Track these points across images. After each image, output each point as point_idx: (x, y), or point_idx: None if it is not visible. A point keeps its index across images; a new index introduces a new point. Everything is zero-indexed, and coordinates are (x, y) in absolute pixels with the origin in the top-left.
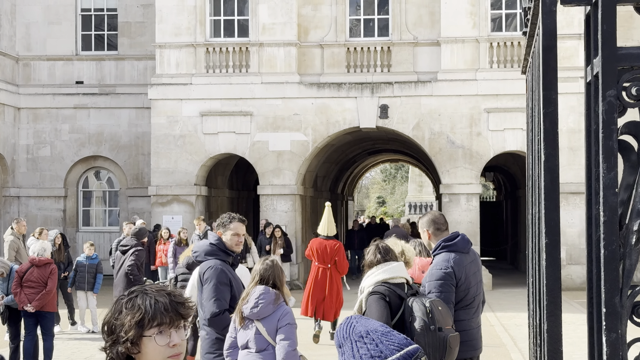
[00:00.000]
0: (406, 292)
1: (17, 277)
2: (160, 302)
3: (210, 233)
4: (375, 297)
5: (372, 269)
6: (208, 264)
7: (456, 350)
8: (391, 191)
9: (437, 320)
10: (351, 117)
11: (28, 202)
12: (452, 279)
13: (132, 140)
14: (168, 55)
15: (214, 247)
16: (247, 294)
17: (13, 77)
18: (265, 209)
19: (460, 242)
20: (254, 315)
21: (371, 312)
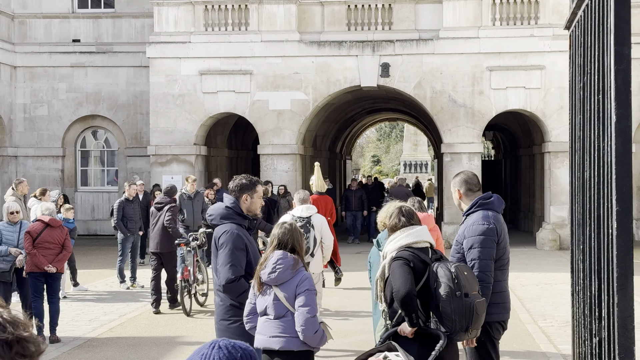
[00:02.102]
0: (430, 257)
1: (29, 238)
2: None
3: (226, 195)
4: (399, 262)
5: (395, 233)
6: (223, 228)
7: (483, 316)
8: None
9: (463, 285)
10: (352, 76)
11: (26, 162)
12: (494, 235)
13: (131, 99)
14: (166, 13)
15: (230, 211)
16: (265, 259)
17: (9, 36)
18: (265, 168)
19: (497, 202)
20: (271, 281)
21: (395, 277)
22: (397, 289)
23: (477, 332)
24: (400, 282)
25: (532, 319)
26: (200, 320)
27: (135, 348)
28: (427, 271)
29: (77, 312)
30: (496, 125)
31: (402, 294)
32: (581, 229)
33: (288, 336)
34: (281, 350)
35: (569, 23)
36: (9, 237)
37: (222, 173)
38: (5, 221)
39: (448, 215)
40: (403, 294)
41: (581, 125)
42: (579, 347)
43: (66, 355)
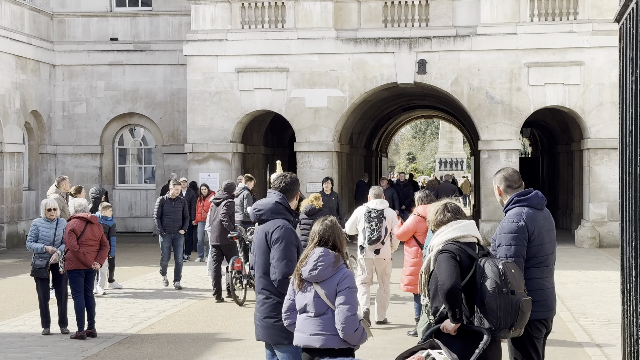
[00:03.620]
0: (477, 252)
1: (73, 235)
2: None
3: (272, 192)
4: (445, 255)
5: (441, 227)
6: (276, 224)
7: (528, 315)
8: (421, 147)
9: (510, 283)
10: (388, 73)
11: (65, 160)
12: (525, 233)
13: (168, 97)
14: (203, 10)
15: (280, 206)
16: (305, 256)
17: (48, 34)
18: (302, 165)
19: (535, 198)
20: (312, 278)
21: (440, 271)
22: (442, 282)
23: (521, 331)
24: (446, 275)
25: (573, 317)
26: (239, 317)
27: (175, 345)
28: (474, 266)
29: (116, 308)
30: (534, 122)
31: (447, 287)
32: (633, 225)
33: (328, 334)
34: (322, 349)
35: (619, 16)
36: (45, 234)
37: (259, 170)
38: (43, 218)
39: (485, 212)
40: (448, 287)
41: (633, 119)
42: (630, 346)
43: (106, 351)
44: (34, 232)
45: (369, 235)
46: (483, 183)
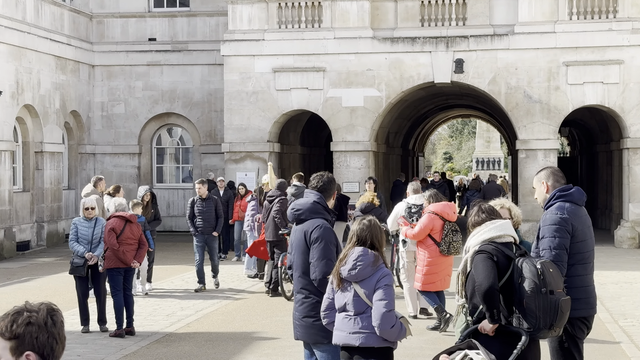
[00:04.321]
0: (514, 252)
1: (113, 234)
2: None
3: (309, 191)
4: (482, 256)
5: (477, 228)
6: (315, 223)
7: (567, 314)
8: (458, 147)
9: (549, 282)
10: (425, 72)
11: (103, 159)
12: (568, 225)
13: (205, 97)
14: (240, 11)
15: (318, 206)
16: (345, 255)
17: (87, 35)
18: (338, 165)
19: (576, 193)
20: (352, 278)
21: (477, 271)
22: (479, 283)
23: (560, 331)
24: (483, 275)
25: (612, 318)
26: (276, 317)
27: (212, 343)
28: (511, 266)
29: (154, 307)
30: (572, 121)
31: (484, 288)
32: None
33: (368, 332)
34: (361, 347)
35: None
36: (83, 232)
37: (295, 170)
38: (82, 217)
39: (524, 212)
40: (485, 287)
41: None
42: None
43: (145, 349)
44: (74, 231)
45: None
46: (520, 183)
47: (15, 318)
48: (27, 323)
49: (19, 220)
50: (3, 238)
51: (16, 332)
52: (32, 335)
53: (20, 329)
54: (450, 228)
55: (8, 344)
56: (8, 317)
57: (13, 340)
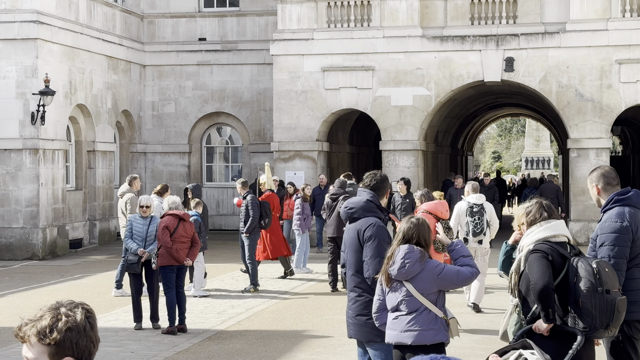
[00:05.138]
0: (569, 251)
1: (166, 232)
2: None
3: (362, 190)
4: (537, 255)
5: (532, 227)
6: (368, 221)
7: (623, 314)
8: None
9: (605, 282)
10: (475, 71)
11: (154, 158)
12: (629, 234)
13: (254, 96)
14: (289, 10)
15: (372, 204)
16: (391, 254)
17: (138, 35)
18: (387, 164)
19: (635, 197)
20: (402, 276)
21: (532, 271)
22: (534, 282)
23: (616, 331)
24: (538, 275)
25: None
26: (326, 315)
27: (263, 341)
28: (566, 266)
29: (205, 305)
30: (624, 120)
31: (539, 288)
32: None
33: (420, 329)
34: (414, 345)
35: None
36: (138, 230)
37: (344, 169)
38: (138, 214)
39: (575, 212)
40: (540, 287)
41: None
42: None
43: (196, 346)
44: (129, 228)
45: (473, 228)
46: (572, 182)
47: (55, 323)
48: (67, 329)
49: (71, 218)
50: (56, 236)
51: (57, 339)
52: (72, 341)
53: (60, 335)
54: (443, 226)
55: (47, 349)
56: (46, 319)
57: (53, 346)
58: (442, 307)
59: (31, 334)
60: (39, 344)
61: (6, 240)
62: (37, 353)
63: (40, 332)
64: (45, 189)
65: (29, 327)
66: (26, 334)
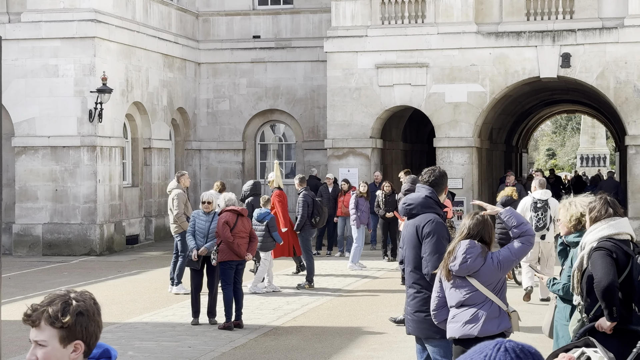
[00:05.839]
0: (633, 249)
1: (227, 227)
2: None
3: (421, 186)
4: (601, 252)
5: (595, 224)
6: (427, 217)
7: None
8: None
9: None
10: (531, 67)
11: (209, 155)
12: None
13: (308, 93)
14: (343, 7)
15: (430, 200)
16: (452, 249)
17: (193, 33)
18: (441, 161)
19: None
20: (463, 272)
21: (596, 268)
22: (598, 280)
23: None
24: (603, 272)
25: None
26: (381, 312)
27: (319, 337)
28: (630, 264)
29: (261, 301)
30: None
31: (603, 285)
32: None
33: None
34: (480, 337)
35: None
36: (200, 226)
37: (397, 166)
38: (201, 210)
39: (633, 209)
40: (605, 285)
41: None
42: None
43: (253, 342)
44: (192, 224)
45: (536, 223)
46: (630, 179)
47: (66, 307)
48: (77, 313)
49: (128, 214)
50: (113, 232)
51: (68, 322)
52: (82, 325)
53: (72, 319)
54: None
55: (57, 333)
56: (57, 304)
57: (63, 329)
58: (504, 299)
59: (42, 318)
60: (50, 328)
61: (65, 236)
62: (47, 337)
63: (51, 316)
64: (102, 186)
65: (39, 311)
66: (38, 318)
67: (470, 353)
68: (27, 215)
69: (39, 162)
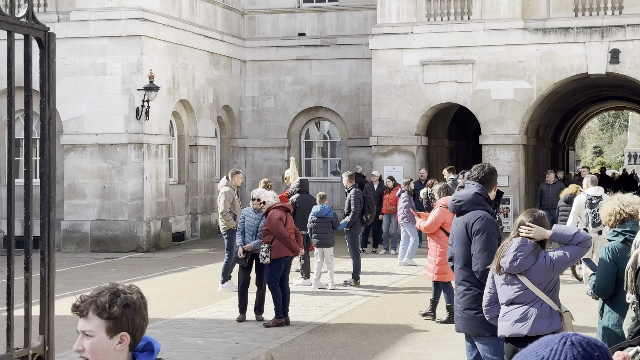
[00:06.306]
0: None
1: (281, 223)
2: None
3: (471, 183)
4: None
5: None
6: (477, 214)
7: None
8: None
9: None
10: (578, 63)
11: (254, 153)
12: None
13: (353, 90)
14: (389, 4)
15: (480, 197)
16: (505, 246)
17: (239, 31)
18: (487, 159)
19: None
20: (514, 269)
21: None
22: None
23: None
24: None
25: None
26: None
27: (366, 334)
28: None
29: (307, 298)
30: None
31: None
32: None
33: (536, 320)
34: (530, 336)
35: None
36: (249, 223)
37: (443, 164)
38: (251, 208)
39: None
40: None
41: None
42: None
43: (300, 339)
44: (241, 221)
45: (592, 219)
46: None
47: (113, 299)
48: (125, 305)
49: (174, 211)
50: (160, 229)
51: (115, 313)
52: (128, 317)
53: (119, 310)
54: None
55: (104, 324)
56: (105, 295)
57: (110, 320)
58: (556, 300)
59: (90, 309)
60: (97, 318)
61: (112, 233)
62: (94, 327)
63: (99, 307)
64: (149, 183)
65: (87, 302)
66: (86, 309)
67: (535, 347)
68: (75, 212)
69: (87, 159)
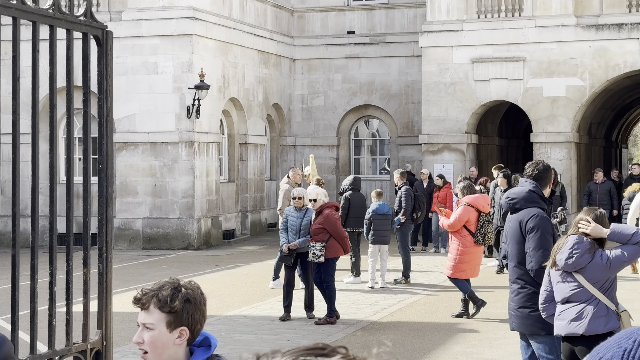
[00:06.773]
0: None
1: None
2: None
3: (524, 180)
4: None
5: None
6: (531, 212)
7: None
8: None
9: None
10: (632, 60)
11: (303, 151)
12: None
13: (402, 88)
14: (439, 1)
15: (534, 195)
16: (561, 243)
17: (288, 29)
18: (538, 157)
19: None
20: (569, 267)
21: None
22: None
23: None
24: None
25: None
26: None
27: (417, 332)
28: None
29: (357, 296)
30: None
31: None
32: None
33: (592, 319)
34: (586, 335)
35: None
36: (292, 222)
37: (493, 162)
38: (293, 206)
39: None
40: None
41: None
42: None
43: (351, 336)
44: (284, 220)
45: None
46: None
47: (175, 293)
48: (185, 300)
49: (224, 209)
50: (210, 226)
51: (176, 307)
52: (188, 312)
53: (180, 304)
54: (485, 219)
55: (165, 317)
56: (166, 290)
57: (171, 314)
58: (613, 299)
59: (152, 302)
60: (159, 312)
61: (163, 231)
62: (155, 320)
63: (160, 300)
64: (200, 181)
65: (149, 295)
66: (147, 302)
67: (617, 338)
68: (127, 210)
69: (139, 157)
